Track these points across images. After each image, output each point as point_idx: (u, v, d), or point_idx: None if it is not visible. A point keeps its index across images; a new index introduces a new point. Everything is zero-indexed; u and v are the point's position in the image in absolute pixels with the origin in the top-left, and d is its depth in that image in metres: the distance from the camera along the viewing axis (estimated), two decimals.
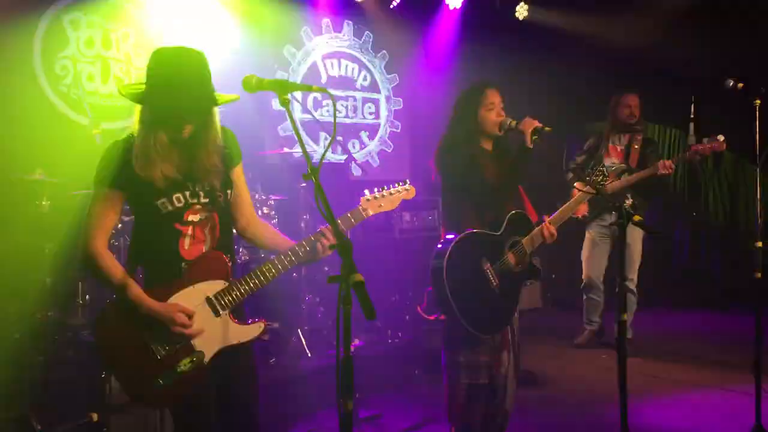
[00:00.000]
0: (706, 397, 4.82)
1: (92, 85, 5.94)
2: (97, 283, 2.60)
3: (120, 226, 4.62)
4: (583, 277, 6.03)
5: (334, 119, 2.31)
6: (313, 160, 2.07)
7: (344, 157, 5.81)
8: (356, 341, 5.24)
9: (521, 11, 8.13)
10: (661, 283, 7.57)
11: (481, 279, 3.22)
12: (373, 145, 7.99)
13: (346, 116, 7.72)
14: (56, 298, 4.97)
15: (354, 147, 7.75)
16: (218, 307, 2.51)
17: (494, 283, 3.24)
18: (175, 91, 2.40)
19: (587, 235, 5.97)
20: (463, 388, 3.31)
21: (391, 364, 5.31)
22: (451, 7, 7.81)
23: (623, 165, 5.66)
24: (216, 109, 2.55)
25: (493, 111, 3.34)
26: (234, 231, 2.76)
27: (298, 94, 7.16)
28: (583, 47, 7.47)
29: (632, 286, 5.73)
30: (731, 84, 3.96)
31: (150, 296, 2.42)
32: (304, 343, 5.12)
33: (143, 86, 2.45)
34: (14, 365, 4.63)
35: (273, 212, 5.43)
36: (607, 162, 5.74)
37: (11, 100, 5.37)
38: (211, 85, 2.51)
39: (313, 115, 2.82)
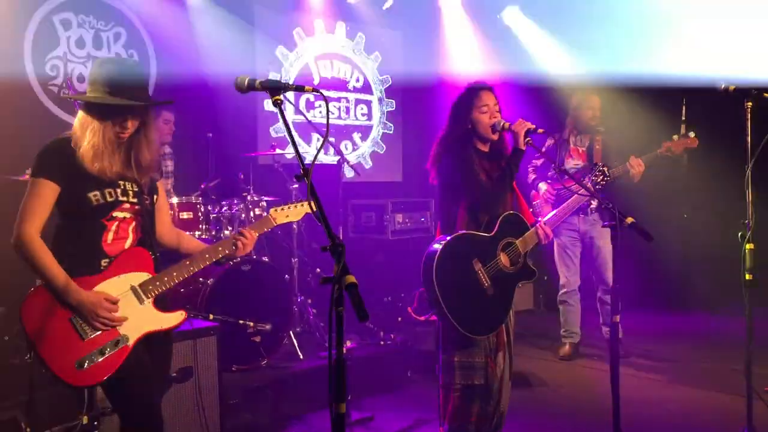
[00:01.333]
0: (697, 399, 4.83)
1: (83, 86, 5.90)
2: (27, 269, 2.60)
3: None
4: (561, 284, 5.94)
5: (327, 121, 2.32)
6: (306, 162, 2.06)
7: (336, 158, 5.79)
8: (348, 343, 5.22)
9: (509, 15, 8.17)
10: (650, 284, 7.59)
11: (472, 280, 3.22)
12: (365, 147, 7.98)
13: (339, 117, 7.71)
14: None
15: (346, 148, 7.74)
16: (143, 296, 2.70)
17: (486, 284, 3.24)
18: (116, 89, 2.62)
19: (556, 241, 5.87)
20: (458, 389, 3.31)
21: (383, 366, 5.29)
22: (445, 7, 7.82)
23: (587, 164, 5.65)
24: (153, 119, 2.79)
25: (487, 113, 3.35)
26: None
27: (290, 95, 7.15)
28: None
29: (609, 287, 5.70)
30: (723, 86, 3.97)
31: None
32: (295, 344, 5.10)
33: (87, 93, 2.70)
34: (2, 367, 4.60)
35: (265, 213, 5.41)
36: (570, 163, 5.72)
37: (1, 100, 5.33)
38: (146, 88, 2.77)
39: (305, 117, 2.82)
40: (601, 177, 3.59)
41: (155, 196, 2.87)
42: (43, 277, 2.54)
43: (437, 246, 3.20)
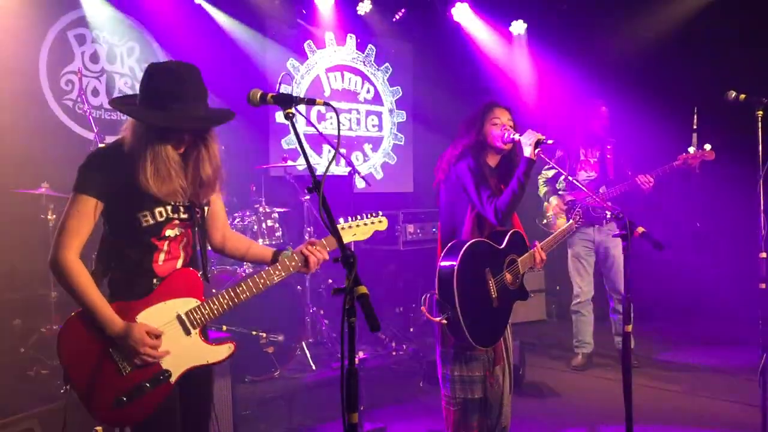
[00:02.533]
0: (711, 410, 4.79)
1: (97, 100, 5.98)
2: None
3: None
4: (575, 294, 5.93)
5: (338, 133, 2.33)
6: (317, 173, 2.07)
7: (348, 169, 5.82)
8: (361, 353, 5.24)
9: (516, 28, 8.23)
10: (663, 294, 7.55)
11: (484, 290, 3.23)
12: (376, 158, 8.01)
13: (350, 129, 7.75)
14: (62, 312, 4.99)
15: (357, 160, 7.78)
16: (189, 326, 2.44)
17: (494, 296, 3.25)
18: (173, 106, 2.34)
19: (570, 251, 5.90)
20: (459, 402, 3.31)
21: (395, 377, 5.31)
22: (457, 18, 7.86)
23: (600, 176, 5.65)
24: (213, 130, 2.52)
25: (498, 125, 3.37)
26: (209, 247, 2.73)
27: (301, 108, 7.14)
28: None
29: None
30: (733, 96, 3.97)
31: (116, 310, 2.33)
32: (308, 355, 5.12)
33: (136, 100, 2.42)
34: (20, 379, 4.65)
35: (277, 225, 5.45)
36: (583, 175, 5.71)
37: (17, 115, 5.41)
38: (206, 99, 2.48)
39: (316, 129, 2.83)
40: (578, 218, 3.62)
41: (206, 208, 2.59)
42: (81, 305, 2.30)
43: (458, 250, 3.18)
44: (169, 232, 2.45)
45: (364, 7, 7.53)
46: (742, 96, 3.95)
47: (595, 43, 7.37)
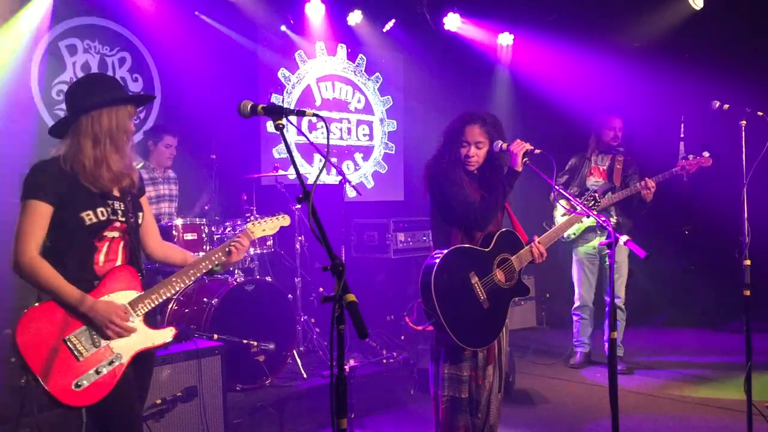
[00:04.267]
0: (698, 415, 4.84)
1: None
2: (31, 288, 2.64)
3: None
4: (576, 298, 6.12)
5: (327, 143, 2.39)
6: (307, 183, 2.11)
7: (339, 179, 5.87)
8: (351, 361, 5.24)
9: (504, 39, 8.33)
10: (652, 300, 7.62)
11: (469, 292, 3.29)
12: (367, 167, 8.05)
13: (341, 138, 7.79)
14: None
15: (348, 169, 7.82)
16: (132, 313, 2.70)
17: (482, 297, 3.30)
18: (105, 93, 2.69)
19: (575, 256, 6.08)
20: (447, 400, 3.38)
21: (386, 384, 5.33)
22: (448, 27, 7.93)
23: (608, 183, 5.77)
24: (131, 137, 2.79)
25: (465, 148, 3.45)
26: (146, 254, 3.00)
27: (293, 118, 7.18)
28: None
29: (621, 303, 5.80)
30: (717, 105, 4.04)
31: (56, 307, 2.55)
32: (299, 363, 5.14)
33: (65, 119, 2.74)
34: (10, 389, 4.64)
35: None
36: (591, 181, 5.90)
37: (9, 125, 5.41)
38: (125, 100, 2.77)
39: (307, 138, 2.85)
40: (592, 202, 3.67)
41: (140, 214, 2.87)
42: (51, 293, 2.54)
43: (436, 257, 3.26)
44: (108, 234, 2.70)
45: (355, 18, 7.58)
46: (726, 106, 4.03)
47: (583, 53, 7.45)
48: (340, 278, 1.90)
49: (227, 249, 2.95)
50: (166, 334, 2.82)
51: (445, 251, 3.26)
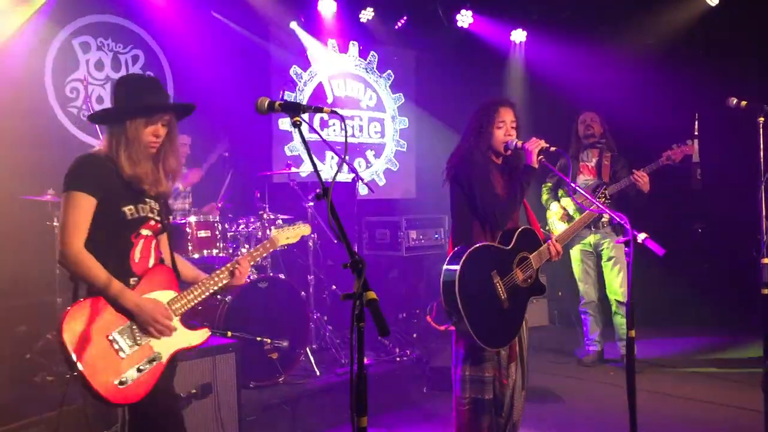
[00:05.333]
0: (715, 415, 4.81)
1: (102, 107, 6.00)
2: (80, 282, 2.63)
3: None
4: (582, 295, 6.09)
5: (345, 140, 2.37)
6: (324, 181, 2.09)
7: (351, 176, 5.86)
8: (364, 359, 5.24)
9: (517, 36, 8.29)
10: (666, 299, 7.56)
11: (491, 292, 3.26)
12: (379, 165, 8.04)
13: (352, 135, 7.78)
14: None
15: (360, 166, 7.81)
16: (171, 314, 2.70)
17: (503, 297, 3.28)
18: (148, 97, 2.70)
19: (572, 253, 6.04)
20: (470, 402, 3.34)
21: (399, 382, 5.32)
22: (461, 24, 7.91)
23: (597, 180, 5.76)
24: (176, 128, 2.81)
25: (503, 129, 3.41)
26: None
27: (304, 115, 7.16)
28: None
29: (622, 299, 5.75)
30: (734, 102, 4.01)
31: (103, 305, 2.55)
32: (312, 361, 5.14)
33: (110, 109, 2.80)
34: (26, 385, 4.67)
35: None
36: (581, 179, 5.85)
37: (23, 122, 5.44)
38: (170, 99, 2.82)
39: (320, 136, 2.85)
40: (603, 198, 3.65)
41: (171, 217, 2.91)
42: (97, 287, 2.53)
43: (459, 255, 3.21)
44: (143, 231, 2.72)
45: (367, 15, 7.57)
46: (744, 102, 3.99)
47: (596, 51, 7.41)
48: (360, 275, 1.89)
49: (231, 273, 2.92)
50: (203, 335, 2.83)
51: (469, 250, 3.22)
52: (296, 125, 2.28)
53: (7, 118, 5.33)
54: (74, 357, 2.44)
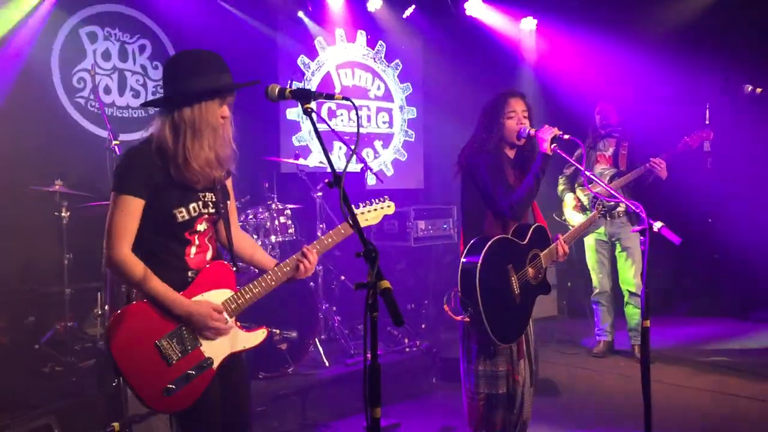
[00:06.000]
0: (726, 405, 4.77)
1: (109, 98, 5.99)
2: (123, 286, 2.53)
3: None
4: (594, 285, 6.08)
5: (358, 129, 2.32)
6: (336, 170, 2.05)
7: (360, 166, 5.82)
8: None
9: (527, 24, 8.22)
10: (679, 289, 7.52)
11: (506, 286, 3.23)
12: (387, 155, 8.00)
13: (360, 125, 7.74)
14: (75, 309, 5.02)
15: (368, 156, 7.77)
16: (226, 315, 2.55)
17: (516, 292, 3.25)
18: (211, 75, 2.49)
19: (586, 243, 6.04)
20: (483, 397, 3.31)
21: (408, 373, 5.30)
22: (470, 13, 7.85)
23: (614, 169, 5.73)
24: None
25: (514, 119, 3.37)
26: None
27: (313, 104, 7.14)
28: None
29: (638, 290, 5.70)
30: (749, 89, 3.96)
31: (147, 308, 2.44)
32: (321, 352, 5.12)
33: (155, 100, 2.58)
34: (35, 375, 4.67)
35: (290, 221, 5.44)
36: (598, 169, 5.84)
37: (30, 112, 5.42)
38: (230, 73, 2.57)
39: (328, 125, 2.80)
40: (601, 207, 3.63)
41: (228, 202, 2.71)
42: (145, 294, 2.43)
43: (481, 247, 3.17)
44: (199, 227, 2.57)
45: (374, 4, 7.52)
46: (759, 89, 3.94)
47: (607, 38, 7.33)
48: (374, 264, 1.86)
49: (296, 267, 2.70)
50: (259, 337, 2.67)
51: (489, 242, 3.18)
52: (307, 113, 2.24)
53: (14, 109, 5.32)
54: (120, 365, 2.37)
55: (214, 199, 2.61)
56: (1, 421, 3.60)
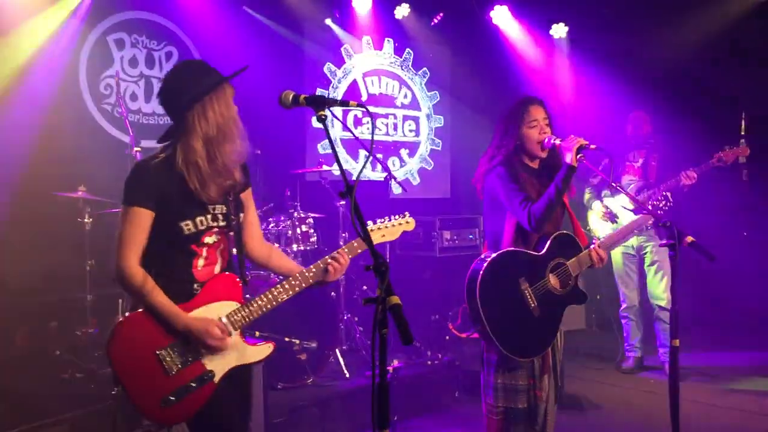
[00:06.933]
0: (761, 427, 4.59)
1: (135, 104, 6.01)
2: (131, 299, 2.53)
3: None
4: (622, 300, 5.94)
5: (372, 136, 2.26)
6: (351, 179, 1.98)
7: (384, 175, 5.75)
8: (395, 362, 5.14)
9: (557, 31, 8.09)
10: (706, 304, 7.31)
11: (518, 299, 3.11)
12: (413, 163, 7.92)
13: (386, 134, 7.67)
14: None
15: (394, 165, 7.70)
16: (230, 328, 2.53)
17: (533, 305, 3.13)
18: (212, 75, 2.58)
19: (613, 256, 5.87)
20: (501, 411, 3.20)
21: (430, 386, 5.20)
22: (496, 21, 7.76)
23: (642, 181, 5.61)
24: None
25: (536, 128, 3.24)
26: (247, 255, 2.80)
27: (338, 112, 7.15)
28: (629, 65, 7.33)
29: (666, 305, 5.53)
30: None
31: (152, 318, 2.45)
32: (341, 363, 5.04)
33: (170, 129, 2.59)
34: (55, 382, 4.67)
35: (312, 230, 5.39)
36: (625, 179, 5.70)
37: (57, 118, 5.45)
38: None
39: (352, 133, 2.76)
40: (663, 202, 3.46)
41: (241, 215, 2.69)
42: (148, 307, 2.44)
43: (482, 262, 3.11)
44: (207, 239, 2.56)
45: (402, 11, 7.46)
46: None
47: (637, 47, 7.19)
48: (383, 279, 1.78)
49: (325, 269, 2.70)
50: (264, 351, 2.63)
51: (493, 255, 3.09)
52: (321, 120, 2.19)
53: (41, 114, 5.34)
54: (118, 373, 2.37)
55: (224, 211, 2.60)
56: (16, 428, 3.59)
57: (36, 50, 5.45)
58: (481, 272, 3.05)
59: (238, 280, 2.62)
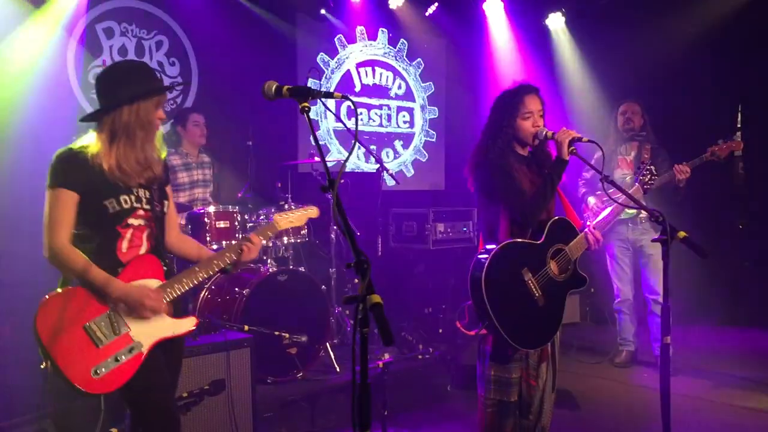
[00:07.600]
0: (752, 423, 4.56)
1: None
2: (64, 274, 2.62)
3: None
4: (616, 293, 5.89)
5: (356, 127, 2.22)
6: (341, 169, 1.95)
7: (377, 166, 5.70)
8: (386, 356, 5.09)
9: (553, 22, 8.01)
10: (702, 297, 7.28)
11: (522, 290, 3.08)
12: (407, 155, 7.86)
13: (380, 125, 7.61)
14: None
15: (388, 156, 7.64)
16: (162, 296, 2.68)
17: (537, 294, 3.09)
18: (147, 82, 2.70)
19: (607, 252, 5.83)
20: (493, 404, 3.18)
21: (422, 380, 5.17)
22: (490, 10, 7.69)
23: (630, 174, 5.54)
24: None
25: (530, 119, 3.19)
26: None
27: (331, 103, 7.08)
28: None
29: (660, 299, 5.50)
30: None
31: (87, 294, 2.56)
32: (332, 357, 5.01)
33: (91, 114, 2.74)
34: (36, 376, 4.61)
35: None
36: (618, 173, 5.62)
37: (46, 110, 5.37)
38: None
39: (344, 124, 2.70)
40: (648, 176, 3.42)
41: (165, 203, 2.85)
42: (83, 279, 2.55)
43: (485, 256, 3.06)
44: (132, 221, 2.69)
45: (396, 2, 7.39)
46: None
47: (634, 38, 7.12)
48: (365, 277, 1.73)
49: (239, 248, 2.92)
50: (188, 324, 2.80)
51: (494, 249, 3.05)
52: (304, 111, 2.14)
53: (30, 106, 5.27)
54: (47, 347, 2.45)
55: (148, 196, 2.74)
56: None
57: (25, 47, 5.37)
58: (485, 266, 3.00)
59: (159, 260, 2.75)
